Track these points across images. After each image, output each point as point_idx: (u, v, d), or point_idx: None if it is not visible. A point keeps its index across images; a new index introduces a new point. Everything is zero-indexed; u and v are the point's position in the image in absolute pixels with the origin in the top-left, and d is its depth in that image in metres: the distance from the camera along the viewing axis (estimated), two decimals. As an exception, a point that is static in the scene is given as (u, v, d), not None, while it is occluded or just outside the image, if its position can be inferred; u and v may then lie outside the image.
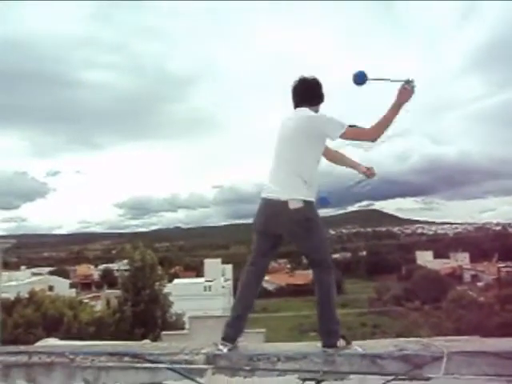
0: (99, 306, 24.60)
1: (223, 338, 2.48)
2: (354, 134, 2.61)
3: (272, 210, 2.59)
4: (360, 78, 2.57)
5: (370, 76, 2.58)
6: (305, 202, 2.54)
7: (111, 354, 2.35)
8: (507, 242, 62.78)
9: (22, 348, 2.57)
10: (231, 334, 2.50)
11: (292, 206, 2.51)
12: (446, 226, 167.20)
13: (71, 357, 2.34)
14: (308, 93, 2.76)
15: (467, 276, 54.23)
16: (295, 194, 2.53)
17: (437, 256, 65.11)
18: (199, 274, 49.04)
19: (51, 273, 55.84)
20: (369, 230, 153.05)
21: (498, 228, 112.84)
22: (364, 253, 77.20)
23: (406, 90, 2.55)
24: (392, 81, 2.58)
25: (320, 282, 2.59)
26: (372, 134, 2.60)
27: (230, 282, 48.91)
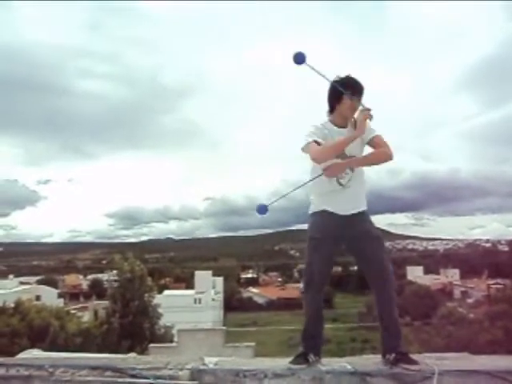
0: (87, 316, 24.23)
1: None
2: (308, 150, 2.50)
3: None
4: (299, 58, 2.41)
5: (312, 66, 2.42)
6: (309, 214, 2.68)
7: (92, 368, 2.27)
8: (497, 259, 63.24)
9: (1, 360, 2.48)
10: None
11: None
12: (436, 242, 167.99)
13: (50, 370, 2.26)
14: (327, 96, 2.66)
15: (457, 292, 54.28)
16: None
17: (427, 272, 65.14)
18: (189, 285, 48.62)
19: (39, 282, 55.06)
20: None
21: (488, 245, 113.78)
22: (355, 267, 77.07)
23: (363, 122, 2.42)
24: (326, 78, 2.48)
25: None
26: (314, 154, 2.48)
27: (221, 295, 48.55)
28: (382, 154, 2.56)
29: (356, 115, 2.53)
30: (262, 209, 2.64)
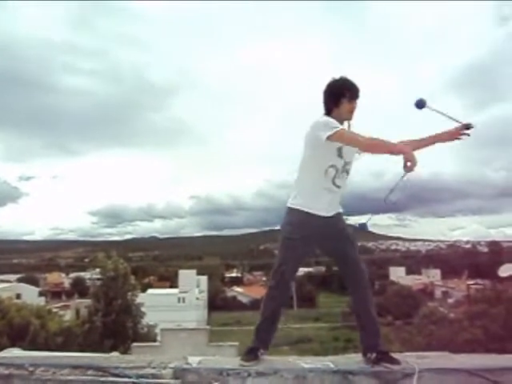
0: (68, 315, 23.93)
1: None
2: (345, 137, 2.38)
3: None
4: (420, 105, 2.44)
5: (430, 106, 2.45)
6: (289, 208, 2.58)
7: (74, 367, 2.25)
8: (476, 260, 64.35)
9: (-21, 359, 2.44)
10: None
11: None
12: (418, 243, 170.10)
13: (31, 369, 2.23)
14: (323, 98, 2.59)
15: (438, 292, 55.04)
16: (289, 202, 2.60)
17: (409, 272, 65.97)
18: (173, 284, 48.29)
19: (20, 280, 53.98)
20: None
21: (468, 246, 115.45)
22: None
23: (457, 134, 2.46)
24: (450, 118, 2.46)
25: None
26: (365, 145, 2.38)
27: (205, 294, 48.38)
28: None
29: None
30: (363, 226, 2.60)
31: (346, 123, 2.54)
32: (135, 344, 14.59)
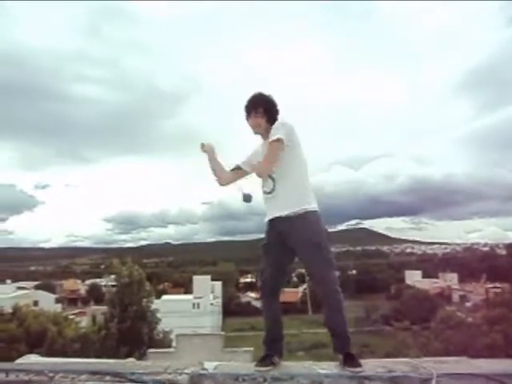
0: (85, 322, 24.12)
1: None
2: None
3: None
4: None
5: None
6: None
7: (92, 373, 2.28)
8: (495, 263, 63.22)
9: (0, 365, 2.48)
10: None
11: None
12: (434, 246, 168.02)
13: (50, 375, 2.27)
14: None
15: (455, 296, 54.23)
16: None
17: (425, 276, 65.11)
18: (188, 290, 48.43)
19: (37, 287, 54.75)
20: (358, 248, 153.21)
21: (486, 249, 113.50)
22: (353, 271, 76.96)
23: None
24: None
25: None
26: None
27: (220, 300, 48.38)
28: (255, 167, 2.64)
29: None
30: (248, 198, 2.69)
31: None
32: (151, 350, 14.67)
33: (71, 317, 23.99)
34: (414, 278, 61.58)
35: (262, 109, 2.66)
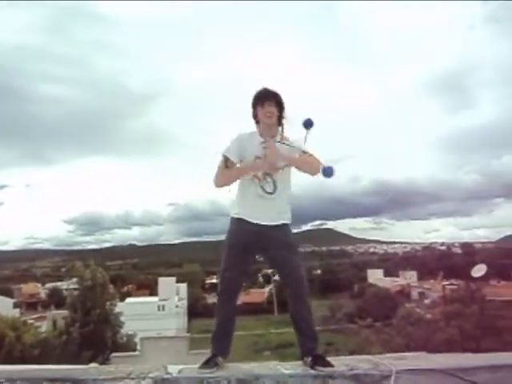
0: (45, 327, 23.32)
1: None
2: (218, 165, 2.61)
3: None
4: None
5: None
6: (230, 217, 2.69)
7: (51, 380, 2.20)
8: (451, 261, 65.89)
9: (-48, 375, 2.36)
10: None
11: None
12: (395, 246, 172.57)
13: (7, 383, 2.18)
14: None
15: (415, 293, 55.80)
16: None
17: (387, 274, 66.81)
18: (153, 292, 47.65)
19: (-7, 291, 52.41)
20: (323, 248, 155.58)
21: (443, 248, 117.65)
22: (318, 271, 77.99)
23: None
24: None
25: None
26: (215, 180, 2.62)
27: (185, 302, 47.87)
28: (315, 161, 2.54)
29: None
30: (328, 171, 2.47)
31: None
32: (114, 354, 14.35)
33: (30, 321, 23.10)
34: (375, 276, 63.05)
35: (279, 102, 2.63)
